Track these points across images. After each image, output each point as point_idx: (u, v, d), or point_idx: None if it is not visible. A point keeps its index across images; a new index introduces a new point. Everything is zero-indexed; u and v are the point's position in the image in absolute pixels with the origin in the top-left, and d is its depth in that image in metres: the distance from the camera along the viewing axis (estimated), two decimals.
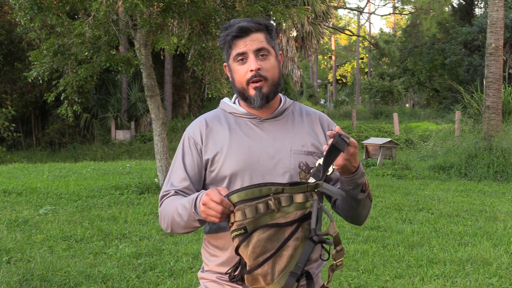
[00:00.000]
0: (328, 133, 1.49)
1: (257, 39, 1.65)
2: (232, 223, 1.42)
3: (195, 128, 1.76)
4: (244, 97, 1.70)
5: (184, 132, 1.79)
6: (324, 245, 1.48)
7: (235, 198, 1.41)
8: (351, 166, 1.54)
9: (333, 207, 1.76)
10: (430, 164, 11.38)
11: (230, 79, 1.74)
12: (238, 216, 1.40)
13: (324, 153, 1.48)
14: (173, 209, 1.63)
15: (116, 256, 4.86)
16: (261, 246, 1.39)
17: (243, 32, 1.64)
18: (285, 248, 1.41)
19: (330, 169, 1.53)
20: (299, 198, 1.43)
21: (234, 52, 1.66)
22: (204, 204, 1.45)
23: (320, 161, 1.53)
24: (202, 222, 1.58)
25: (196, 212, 1.53)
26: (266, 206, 1.40)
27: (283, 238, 1.41)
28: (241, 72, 1.66)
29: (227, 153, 1.68)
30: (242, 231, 1.40)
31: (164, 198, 1.72)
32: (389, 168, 11.24)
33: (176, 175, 1.73)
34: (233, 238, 1.42)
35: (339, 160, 1.51)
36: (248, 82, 1.66)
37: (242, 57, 1.65)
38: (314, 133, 1.76)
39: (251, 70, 1.64)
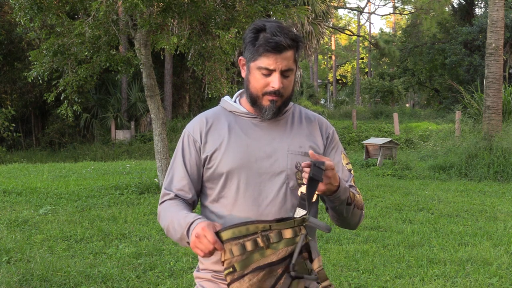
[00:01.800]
0: (302, 164, 1.53)
1: (287, 58, 1.63)
2: (223, 262, 1.46)
3: (195, 126, 1.76)
4: (255, 102, 1.70)
5: (184, 129, 1.79)
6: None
7: (225, 235, 1.45)
8: (332, 187, 1.57)
9: (327, 210, 1.77)
10: (430, 164, 11.38)
11: (244, 77, 1.73)
12: (227, 254, 1.44)
13: (305, 185, 1.52)
14: (169, 220, 1.67)
15: (116, 256, 4.86)
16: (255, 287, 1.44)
17: (278, 50, 1.61)
18: (278, 286, 1.46)
19: (314, 197, 1.55)
20: (288, 233, 1.48)
21: (261, 64, 1.64)
22: (197, 237, 1.49)
23: (303, 189, 1.57)
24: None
25: (188, 236, 1.57)
26: (254, 243, 1.45)
27: (275, 276, 1.46)
28: (261, 82, 1.66)
29: (225, 151, 1.69)
30: (231, 269, 1.44)
31: (165, 198, 1.75)
32: (389, 168, 11.24)
33: (176, 172, 1.75)
34: (225, 276, 1.47)
35: (321, 187, 1.54)
36: (264, 93, 1.66)
37: (268, 72, 1.64)
38: (312, 136, 1.77)
39: (273, 87, 1.64)
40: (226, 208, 1.67)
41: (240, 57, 1.74)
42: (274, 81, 1.63)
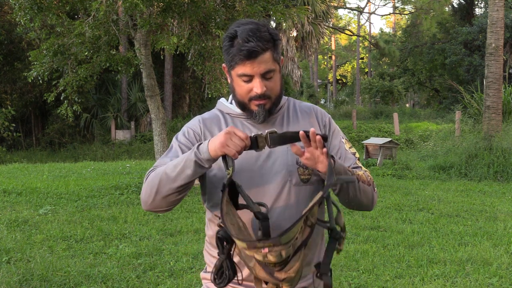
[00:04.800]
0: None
1: (264, 61, 1.59)
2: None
3: (194, 124, 1.75)
4: (243, 108, 1.69)
5: (183, 127, 1.77)
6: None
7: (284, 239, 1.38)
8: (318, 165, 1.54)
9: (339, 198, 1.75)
10: (430, 164, 11.38)
11: (229, 83, 1.72)
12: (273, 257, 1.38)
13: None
14: (164, 167, 1.59)
15: (116, 256, 4.86)
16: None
17: (253, 57, 1.58)
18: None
19: (317, 197, 1.51)
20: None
21: (239, 71, 1.61)
22: (228, 133, 1.47)
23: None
24: (197, 167, 1.53)
25: (199, 151, 1.51)
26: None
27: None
28: (244, 89, 1.64)
29: None
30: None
31: (153, 171, 1.65)
32: (389, 168, 11.24)
33: (170, 154, 1.70)
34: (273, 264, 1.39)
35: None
36: (250, 99, 1.64)
37: (248, 79, 1.62)
38: (310, 127, 1.75)
39: (256, 92, 1.62)
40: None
41: (223, 65, 1.73)
42: (256, 86, 1.61)
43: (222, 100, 1.82)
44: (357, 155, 1.79)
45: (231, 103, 1.78)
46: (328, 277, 1.46)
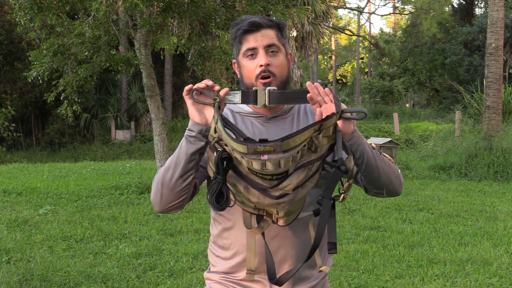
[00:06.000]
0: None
1: (268, 35, 1.64)
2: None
3: None
4: None
5: None
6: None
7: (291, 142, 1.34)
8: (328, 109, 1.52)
9: (366, 191, 1.73)
10: (430, 164, 11.38)
11: (239, 75, 1.72)
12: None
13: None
14: (166, 164, 1.59)
15: (116, 256, 4.86)
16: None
17: (255, 27, 1.63)
18: (310, 180, 1.41)
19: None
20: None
21: (244, 47, 1.65)
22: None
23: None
24: (188, 141, 1.52)
25: (189, 121, 1.55)
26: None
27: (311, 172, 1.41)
28: (250, 67, 1.65)
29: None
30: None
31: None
32: None
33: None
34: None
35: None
36: (257, 77, 1.64)
37: (252, 53, 1.64)
38: None
39: (261, 65, 1.63)
40: (237, 209, 1.62)
41: (233, 60, 1.75)
42: (260, 58, 1.63)
43: None
44: (373, 144, 1.75)
45: None
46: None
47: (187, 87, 1.53)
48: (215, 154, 1.42)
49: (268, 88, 1.55)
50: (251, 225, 1.54)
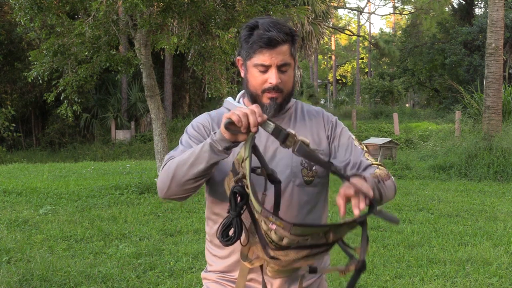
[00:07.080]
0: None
1: (282, 53, 1.61)
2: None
3: (203, 118, 1.75)
4: (255, 101, 1.68)
5: (191, 122, 1.76)
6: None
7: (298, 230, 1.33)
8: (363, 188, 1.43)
9: None
10: (430, 164, 11.38)
11: (243, 75, 1.71)
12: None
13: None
14: (181, 155, 1.56)
15: (116, 256, 4.86)
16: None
17: (272, 45, 1.60)
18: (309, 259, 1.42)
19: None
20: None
21: (257, 61, 1.62)
22: (247, 111, 1.41)
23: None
24: (212, 151, 1.48)
25: (214, 134, 1.48)
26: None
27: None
28: (259, 80, 1.64)
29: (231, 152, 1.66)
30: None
31: (170, 159, 1.62)
32: (389, 168, 11.23)
33: (181, 147, 1.68)
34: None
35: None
36: (264, 91, 1.64)
37: (265, 69, 1.62)
38: (316, 131, 1.75)
39: (270, 83, 1.62)
40: None
41: (238, 57, 1.73)
42: (271, 77, 1.61)
43: (229, 99, 1.82)
44: (365, 148, 1.76)
45: (238, 102, 1.78)
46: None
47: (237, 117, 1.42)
48: (233, 178, 1.44)
49: (301, 138, 1.47)
50: (246, 257, 1.54)
